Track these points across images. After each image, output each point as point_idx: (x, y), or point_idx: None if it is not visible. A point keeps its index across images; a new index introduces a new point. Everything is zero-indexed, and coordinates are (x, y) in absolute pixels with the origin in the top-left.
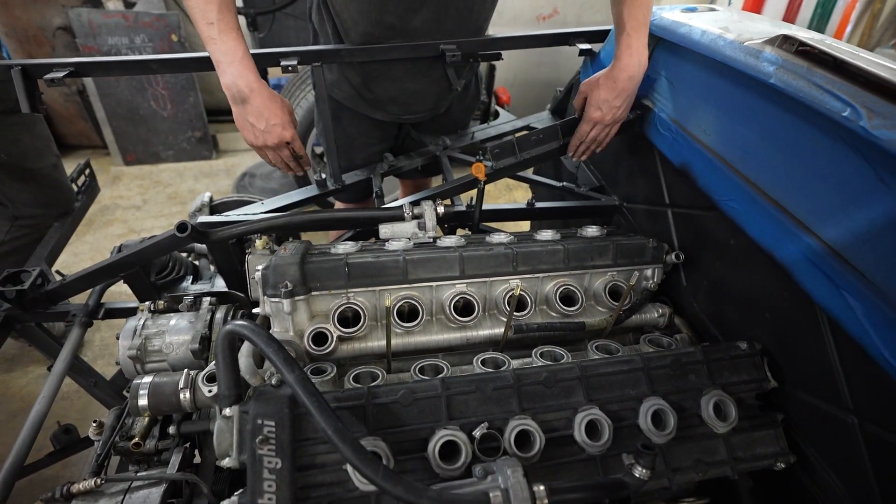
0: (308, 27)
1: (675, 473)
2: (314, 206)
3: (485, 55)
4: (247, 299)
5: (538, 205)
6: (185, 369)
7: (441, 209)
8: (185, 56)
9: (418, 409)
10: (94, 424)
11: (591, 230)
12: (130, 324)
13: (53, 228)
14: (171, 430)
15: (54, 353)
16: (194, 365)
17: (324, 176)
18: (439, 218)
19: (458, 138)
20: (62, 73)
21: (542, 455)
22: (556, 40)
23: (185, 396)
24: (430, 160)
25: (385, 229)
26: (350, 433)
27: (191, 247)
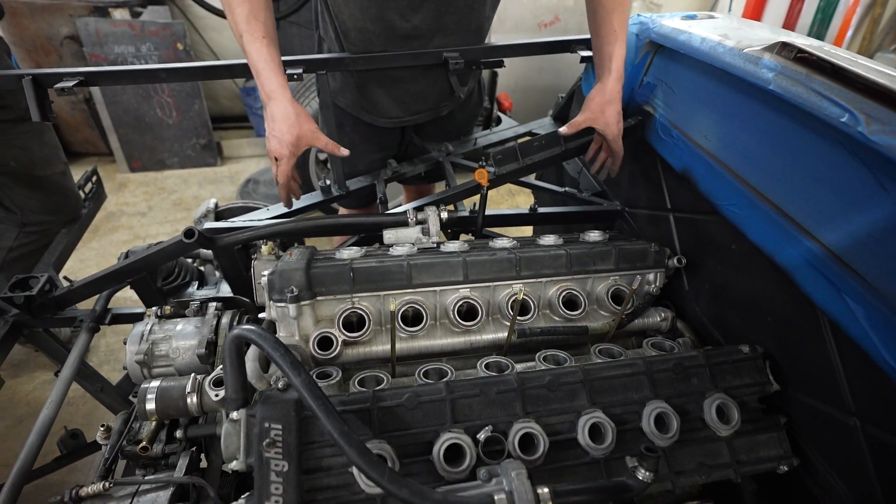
0: (313, 36)
1: (678, 476)
2: (318, 211)
3: (487, 62)
4: (252, 304)
5: (541, 210)
6: (192, 374)
7: (444, 214)
8: (193, 65)
9: (423, 413)
10: (102, 428)
11: (593, 235)
12: (137, 329)
13: (61, 235)
14: (178, 434)
15: (62, 359)
16: (201, 369)
17: (328, 182)
18: (443, 223)
19: (460, 144)
20: (72, 83)
21: (546, 458)
22: (557, 48)
23: (192, 400)
24: (433, 166)
25: (389, 235)
26: (356, 436)
27: (196, 252)
